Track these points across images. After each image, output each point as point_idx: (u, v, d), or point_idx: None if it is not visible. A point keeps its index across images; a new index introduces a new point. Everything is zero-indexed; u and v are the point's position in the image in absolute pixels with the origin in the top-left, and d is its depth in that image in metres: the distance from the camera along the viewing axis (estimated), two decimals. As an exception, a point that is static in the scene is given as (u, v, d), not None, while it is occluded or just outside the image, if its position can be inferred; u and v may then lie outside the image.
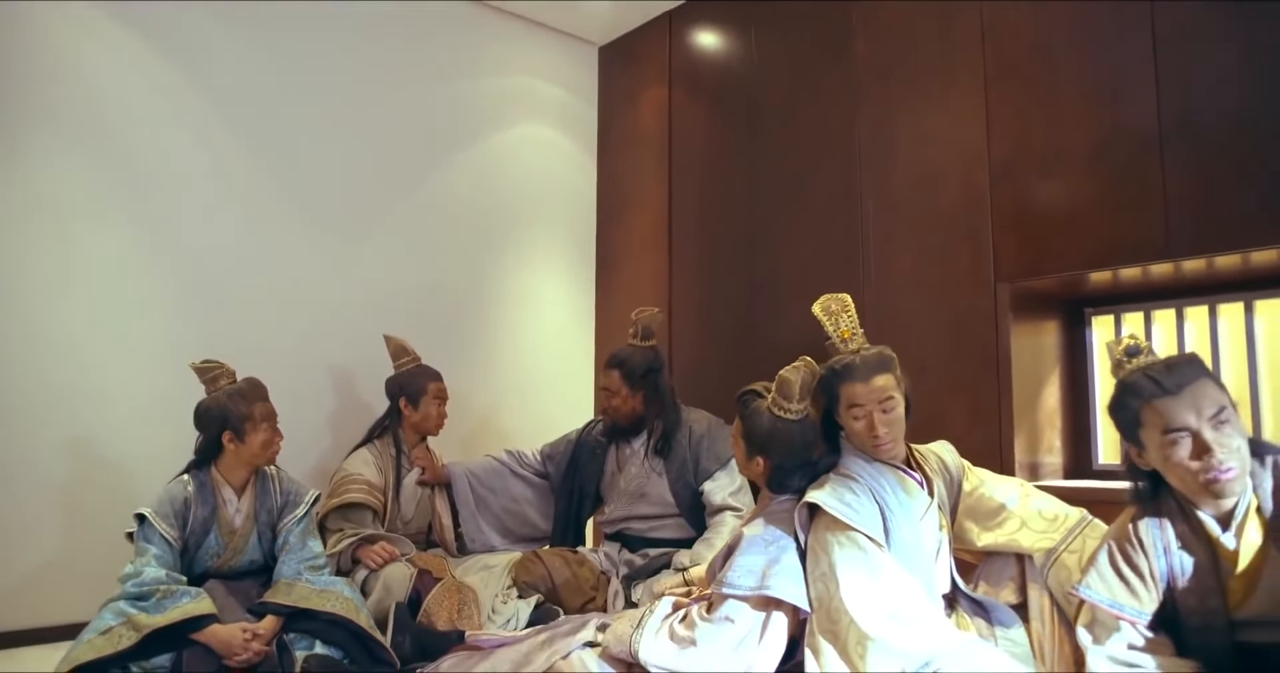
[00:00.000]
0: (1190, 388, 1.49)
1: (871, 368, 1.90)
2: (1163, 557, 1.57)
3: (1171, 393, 1.49)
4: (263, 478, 2.24)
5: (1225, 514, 1.52)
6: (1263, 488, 1.51)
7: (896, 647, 1.65)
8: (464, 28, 3.78)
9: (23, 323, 2.68)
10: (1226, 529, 1.52)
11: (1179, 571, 1.56)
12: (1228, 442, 1.47)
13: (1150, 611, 1.56)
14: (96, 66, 2.86)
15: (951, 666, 1.62)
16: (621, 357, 2.80)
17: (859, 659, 1.67)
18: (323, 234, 3.31)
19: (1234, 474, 1.46)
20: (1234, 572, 1.51)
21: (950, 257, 2.71)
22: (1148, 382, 1.52)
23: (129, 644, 1.82)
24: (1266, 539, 1.49)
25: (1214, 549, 1.54)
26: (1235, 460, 1.46)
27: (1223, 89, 2.18)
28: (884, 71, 2.97)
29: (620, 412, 2.80)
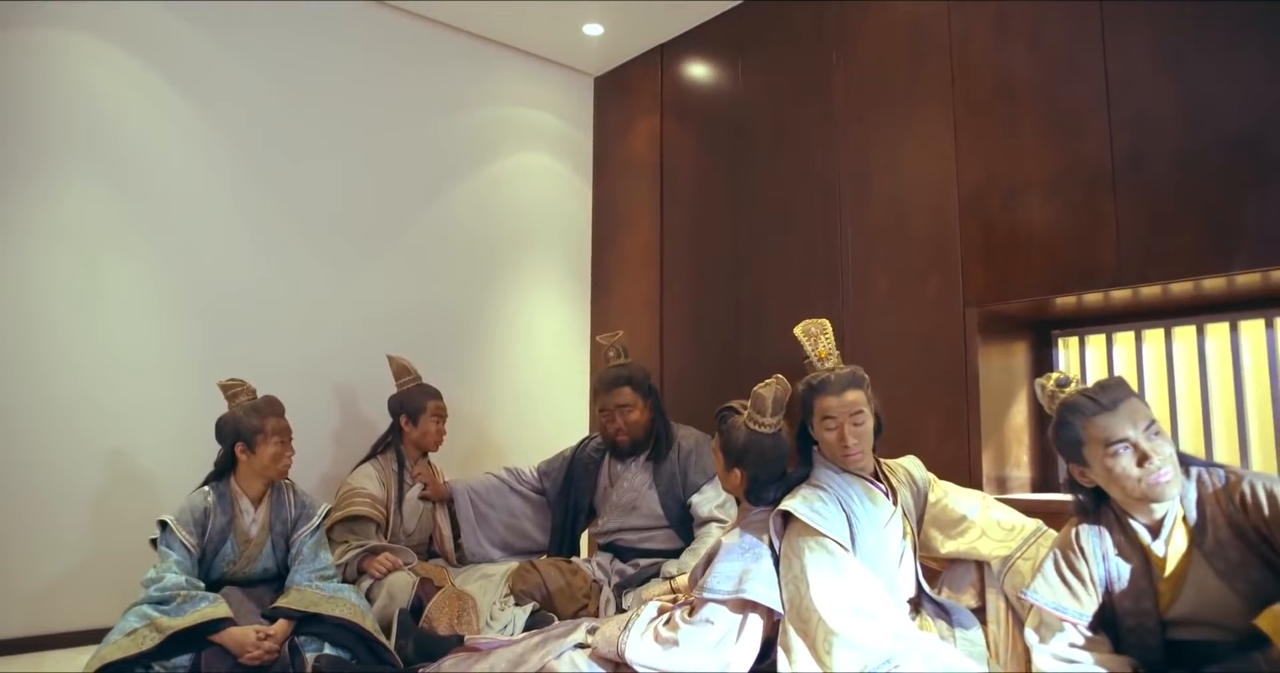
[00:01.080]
0: (1124, 404, 1.65)
1: (845, 384, 2.07)
2: (1101, 563, 1.72)
3: (1109, 409, 1.65)
4: (278, 491, 2.39)
5: (1156, 524, 1.67)
6: (1188, 499, 1.66)
7: (860, 643, 1.80)
8: (466, 61, 3.96)
9: (53, 344, 2.84)
10: (1156, 537, 1.67)
11: (1115, 576, 1.71)
12: (1162, 449, 1.62)
13: (1090, 612, 1.71)
14: (119, 101, 3.03)
15: (911, 662, 1.77)
16: (627, 374, 2.90)
17: (826, 655, 1.82)
18: (331, 259, 3.48)
19: (1169, 477, 1.61)
20: (1163, 576, 1.67)
21: (922, 282, 2.87)
22: (1087, 401, 1.68)
23: (152, 645, 1.97)
24: (1191, 546, 1.65)
25: (1146, 556, 1.69)
26: (1170, 466, 1.62)
27: (1168, 129, 2.34)
28: (861, 108, 3.14)
29: (638, 425, 2.89)
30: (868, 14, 3.16)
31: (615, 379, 2.90)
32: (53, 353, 2.83)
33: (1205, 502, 1.65)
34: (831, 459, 2.09)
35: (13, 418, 2.74)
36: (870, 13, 3.15)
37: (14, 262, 2.79)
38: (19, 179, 2.81)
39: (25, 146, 2.83)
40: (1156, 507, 1.65)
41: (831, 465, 2.10)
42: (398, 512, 2.94)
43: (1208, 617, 1.63)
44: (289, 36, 3.43)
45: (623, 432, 2.91)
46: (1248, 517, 1.59)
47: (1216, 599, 1.62)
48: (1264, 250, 2.15)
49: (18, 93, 2.83)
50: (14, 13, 2.83)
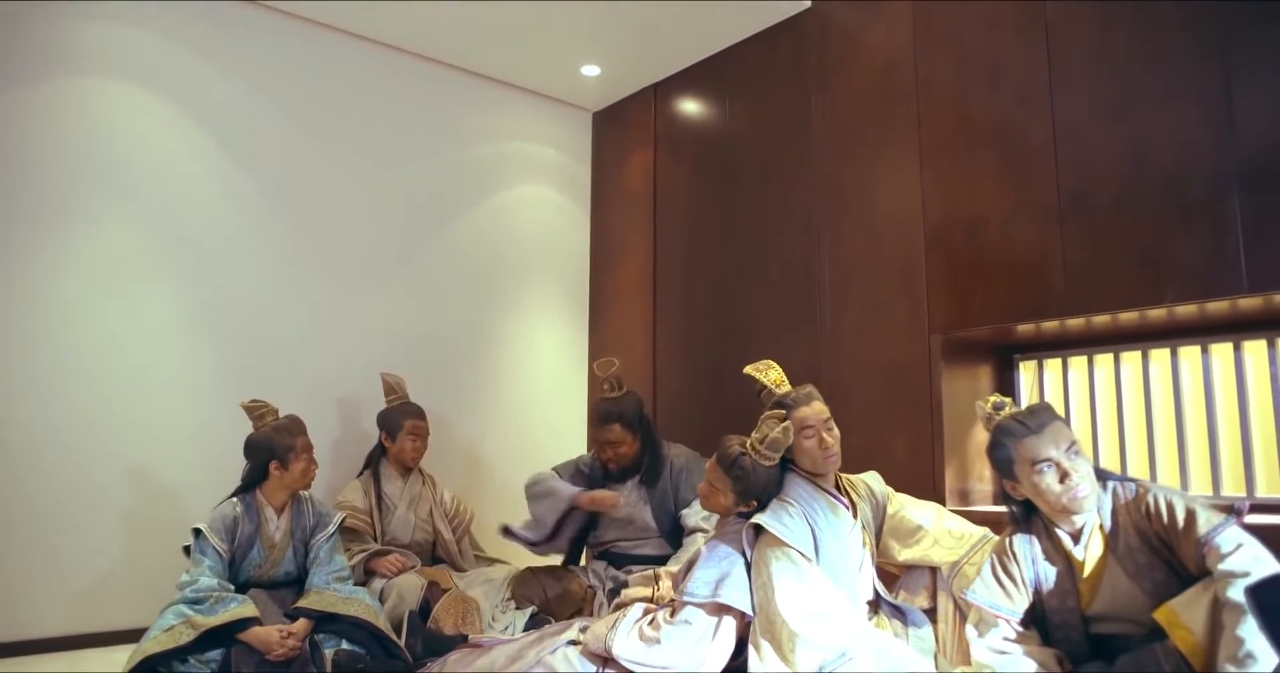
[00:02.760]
0: (1049, 428, 1.88)
1: (810, 397, 2.33)
2: (1031, 567, 1.94)
3: (1036, 432, 1.88)
4: (298, 501, 2.63)
5: (1077, 531, 1.90)
6: (1104, 509, 1.89)
7: (818, 642, 2.02)
8: (472, 99, 4.22)
9: (91, 368, 3.08)
10: (1077, 543, 1.89)
11: (1043, 578, 1.93)
12: (1081, 468, 1.85)
13: (1022, 610, 1.93)
14: (146, 141, 3.27)
15: (864, 657, 1.99)
16: (618, 410, 3.07)
17: (790, 653, 2.04)
18: (342, 285, 3.71)
19: (1086, 492, 1.83)
20: (1083, 578, 1.89)
21: (891, 309, 3.10)
22: (1017, 425, 1.91)
23: (188, 640, 2.20)
24: (1106, 551, 1.87)
25: (1069, 560, 1.91)
26: (1087, 482, 1.84)
27: (1109, 173, 2.57)
28: (837, 146, 3.38)
29: (627, 457, 3.11)
30: (843, 60, 3.41)
31: (606, 415, 3.07)
32: (87, 375, 3.07)
33: (1118, 512, 1.87)
34: (813, 465, 2.31)
35: (52, 435, 2.98)
36: (845, 59, 3.40)
37: (51, 291, 3.03)
38: (57, 215, 3.06)
39: (62, 184, 3.08)
40: (1076, 517, 1.87)
41: (803, 482, 2.32)
42: (381, 521, 3.17)
43: (1121, 613, 1.85)
44: (305, 78, 3.69)
45: (613, 462, 3.13)
46: (1151, 525, 1.82)
47: (1128, 597, 1.84)
48: (1190, 285, 2.37)
49: (56, 136, 3.09)
50: (52, 64, 3.09)
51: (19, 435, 2.92)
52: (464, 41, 3.92)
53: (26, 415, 2.94)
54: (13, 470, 2.90)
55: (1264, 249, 2.25)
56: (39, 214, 3.02)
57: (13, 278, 2.96)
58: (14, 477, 2.90)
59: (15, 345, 2.94)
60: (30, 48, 3.05)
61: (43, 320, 3.00)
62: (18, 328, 2.96)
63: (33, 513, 2.92)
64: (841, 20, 3.44)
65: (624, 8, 3.56)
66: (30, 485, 2.93)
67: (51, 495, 2.97)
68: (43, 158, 3.05)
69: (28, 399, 2.95)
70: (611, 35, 3.82)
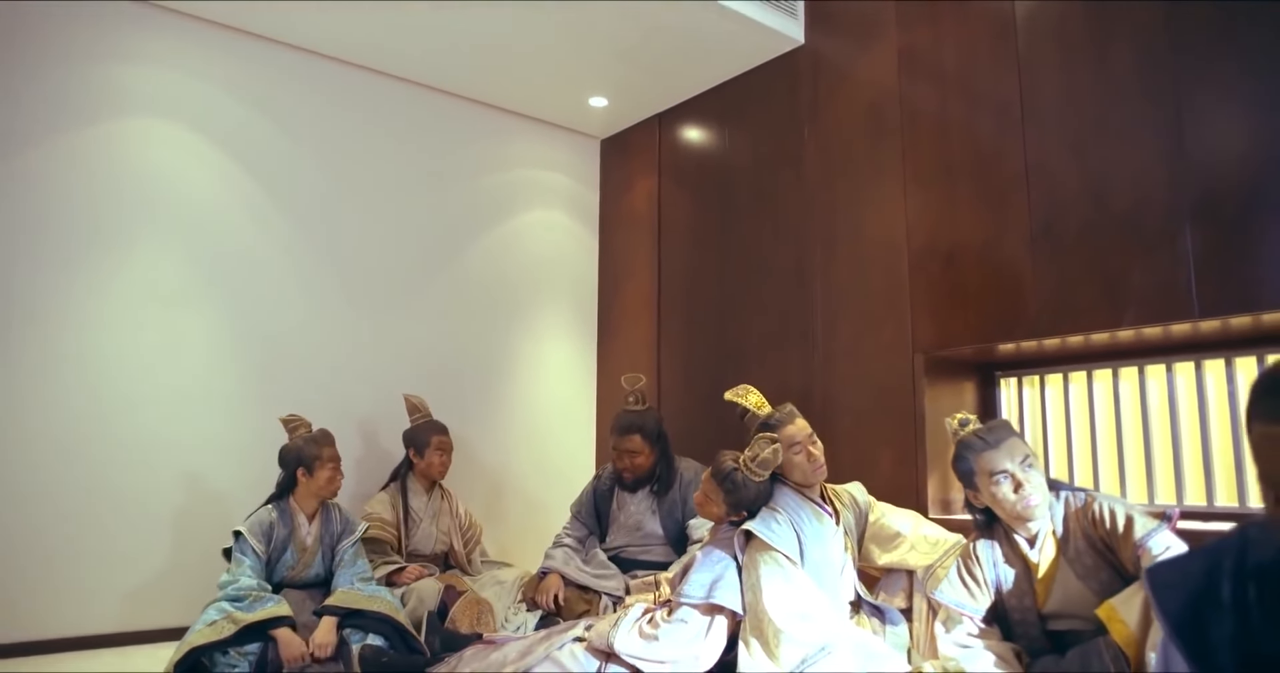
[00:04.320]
0: (1005, 443, 2.08)
1: (791, 416, 2.54)
2: (993, 569, 2.15)
3: (993, 447, 2.08)
4: (327, 509, 2.86)
5: (1032, 537, 2.10)
6: (1056, 516, 2.09)
7: (800, 638, 2.22)
8: (486, 129, 4.46)
9: (137, 385, 3.33)
10: (1033, 547, 2.09)
11: (1003, 579, 2.13)
12: (1033, 479, 2.05)
13: (984, 608, 2.13)
14: (189, 177, 3.53)
15: (842, 651, 2.19)
16: (639, 422, 3.28)
17: (775, 648, 2.25)
18: (366, 307, 3.95)
19: (1038, 501, 2.04)
20: (1038, 578, 2.09)
21: (878, 330, 3.31)
22: (977, 440, 2.12)
23: (229, 634, 2.43)
24: (1058, 554, 2.07)
25: (1026, 563, 2.11)
26: (1039, 492, 2.05)
27: (1073, 205, 2.78)
28: (828, 177, 3.60)
29: (642, 467, 3.30)
30: (833, 94, 3.63)
31: (628, 426, 3.28)
32: (132, 392, 3.32)
33: (1069, 518, 2.08)
34: (803, 478, 2.52)
35: (103, 447, 3.23)
36: (835, 93, 3.62)
37: (105, 315, 3.29)
38: (105, 244, 3.32)
39: (109, 217, 3.34)
40: (1031, 523, 2.08)
41: (791, 492, 2.53)
42: (406, 533, 3.39)
43: (1073, 611, 2.05)
44: (331, 114, 3.95)
45: (629, 471, 3.32)
46: (1096, 530, 2.02)
47: (1078, 596, 2.03)
48: (1147, 309, 2.57)
49: (105, 172, 3.34)
50: (102, 107, 3.35)
51: (74, 447, 3.17)
52: (481, 76, 4.17)
53: (81, 429, 3.19)
54: (68, 480, 3.15)
55: (1212, 277, 2.45)
56: (89, 243, 3.28)
57: (66, 301, 3.21)
58: (69, 485, 3.15)
59: (70, 364, 3.20)
60: (84, 92, 3.31)
61: (92, 341, 3.25)
62: (73, 349, 3.21)
63: (85, 520, 3.17)
64: (832, 57, 3.66)
65: (629, 45, 3.80)
66: (82, 494, 3.18)
67: (101, 503, 3.21)
68: (93, 192, 3.31)
69: (83, 414, 3.20)
70: (618, 70, 4.06)
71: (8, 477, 3.04)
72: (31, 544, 3.05)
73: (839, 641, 2.23)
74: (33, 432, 3.10)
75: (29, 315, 3.14)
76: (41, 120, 3.22)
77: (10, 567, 3.00)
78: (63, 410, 3.17)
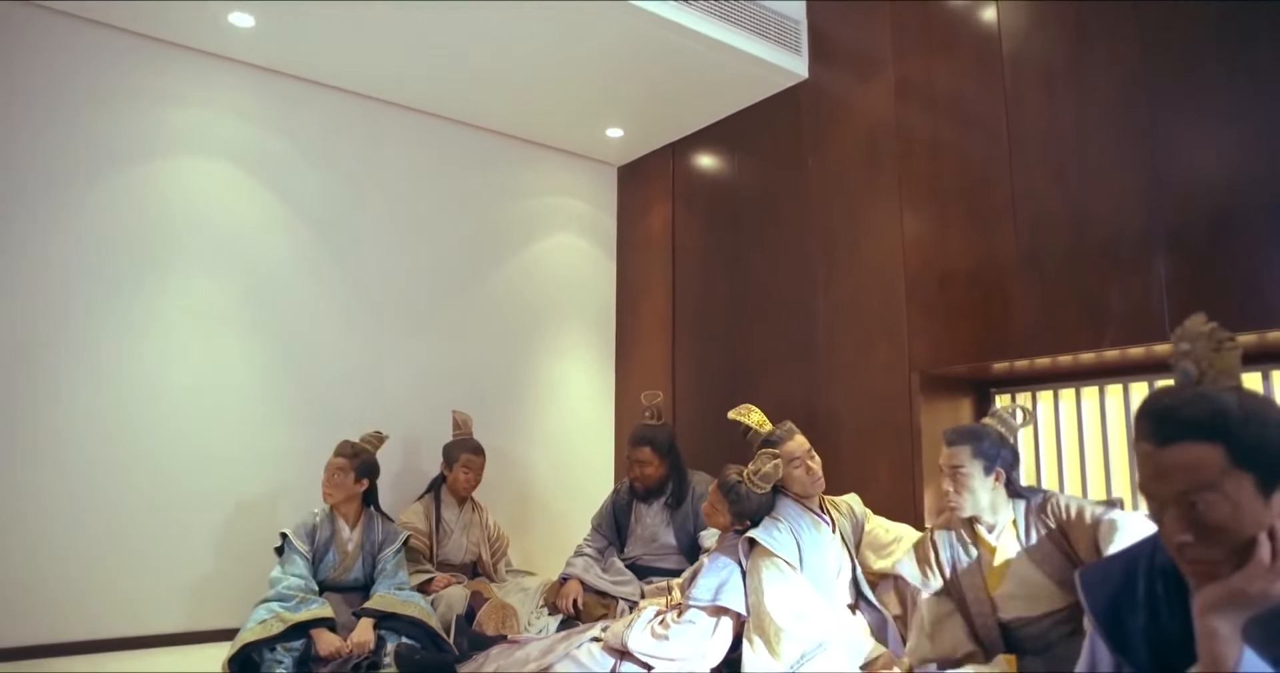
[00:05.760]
0: (948, 449, 2.36)
1: (791, 433, 2.77)
2: (947, 550, 2.42)
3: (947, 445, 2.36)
4: (370, 518, 3.10)
5: (991, 525, 2.35)
6: (1018, 512, 2.36)
7: (799, 636, 2.42)
8: (508, 158, 4.71)
9: (181, 402, 3.58)
10: (991, 533, 2.35)
11: (959, 561, 2.39)
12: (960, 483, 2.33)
13: (934, 587, 2.41)
14: (231, 207, 3.80)
15: (835, 645, 2.39)
16: (650, 435, 3.52)
17: (776, 645, 2.45)
18: (396, 329, 4.19)
19: (955, 501, 2.35)
20: (993, 564, 2.32)
21: (876, 350, 3.50)
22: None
23: (277, 631, 2.68)
24: (1016, 542, 2.32)
25: (982, 547, 2.35)
26: (960, 494, 2.34)
27: (1056, 232, 2.96)
28: (829, 203, 3.81)
29: (652, 478, 3.54)
30: (834, 125, 3.84)
31: (640, 439, 3.52)
32: (183, 407, 3.58)
33: (1030, 513, 2.34)
34: (803, 490, 2.73)
35: (154, 460, 3.48)
36: (836, 124, 3.83)
37: (153, 337, 3.55)
38: (158, 271, 3.59)
39: (158, 246, 3.60)
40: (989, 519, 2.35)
41: (792, 503, 2.74)
42: (438, 543, 3.62)
43: (1023, 593, 2.27)
44: (362, 148, 4.21)
45: (639, 481, 3.57)
46: (1054, 520, 2.29)
47: (1032, 579, 2.26)
48: (1124, 331, 2.75)
49: (158, 206, 3.62)
50: (152, 145, 3.63)
51: (127, 457, 3.43)
52: (505, 110, 4.42)
53: (132, 441, 3.46)
54: (125, 490, 3.41)
55: (1183, 303, 2.63)
56: (138, 269, 3.55)
57: (119, 322, 3.48)
58: (125, 496, 3.41)
59: (125, 383, 3.46)
60: (135, 131, 3.60)
61: (142, 360, 3.52)
62: (128, 368, 3.48)
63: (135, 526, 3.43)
64: (833, 90, 3.88)
65: (645, 80, 4.04)
66: (136, 504, 3.43)
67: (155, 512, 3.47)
68: (143, 223, 3.58)
69: (134, 426, 3.47)
70: (633, 102, 4.30)
71: (68, 485, 3.30)
72: (88, 549, 3.31)
73: (834, 638, 2.43)
74: (89, 443, 3.37)
75: (85, 335, 3.41)
76: (97, 158, 3.50)
77: (70, 570, 3.26)
78: (115, 423, 3.43)
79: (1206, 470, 1.11)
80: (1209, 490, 1.11)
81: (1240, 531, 1.10)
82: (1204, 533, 1.12)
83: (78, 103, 3.48)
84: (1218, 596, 1.09)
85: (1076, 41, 2.98)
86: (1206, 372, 1.21)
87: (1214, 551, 1.12)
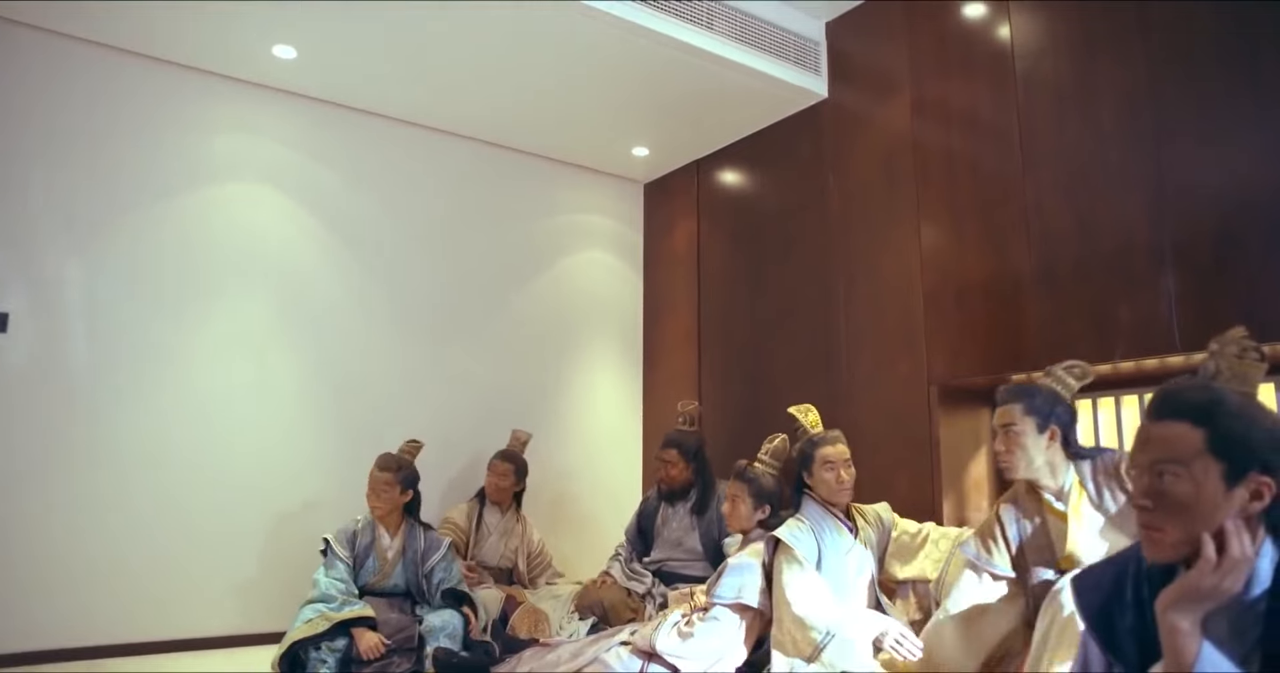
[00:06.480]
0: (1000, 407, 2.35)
1: (835, 439, 2.87)
2: (1014, 526, 2.35)
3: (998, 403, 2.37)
4: (411, 527, 3.26)
5: (1058, 490, 2.30)
6: (1084, 473, 2.29)
7: (812, 622, 2.52)
8: (539, 178, 4.88)
9: (232, 419, 3.78)
10: (1059, 499, 2.29)
11: (1024, 534, 2.33)
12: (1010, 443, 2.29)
13: (1000, 564, 2.32)
14: (276, 233, 4.00)
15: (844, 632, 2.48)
16: (679, 439, 3.72)
17: (794, 630, 2.55)
18: (432, 344, 4.37)
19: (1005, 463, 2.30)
20: (1065, 533, 2.25)
21: (895, 363, 3.60)
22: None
23: (323, 629, 2.85)
24: (1087, 503, 2.26)
25: (1050, 514, 2.29)
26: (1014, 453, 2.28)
27: (1067, 245, 3.04)
28: (850, 221, 3.91)
29: (676, 480, 3.71)
30: (853, 144, 3.95)
31: (670, 441, 3.73)
32: (232, 422, 3.77)
33: (1098, 473, 2.28)
34: (828, 494, 2.83)
35: (204, 474, 3.68)
36: (855, 143, 3.94)
37: (205, 358, 3.75)
38: (208, 295, 3.80)
39: (206, 269, 3.81)
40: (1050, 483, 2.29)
41: (817, 506, 2.84)
42: (476, 541, 3.79)
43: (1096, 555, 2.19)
44: (401, 172, 4.40)
45: (664, 481, 3.75)
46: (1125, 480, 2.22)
47: (1118, 545, 2.17)
48: (1133, 344, 2.82)
49: (206, 233, 3.83)
50: (202, 172, 3.85)
51: (181, 470, 3.63)
52: (536, 132, 4.60)
53: (185, 456, 3.66)
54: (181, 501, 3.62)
55: (1191, 315, 2.70)
56: (189, 292, 3.76)
57: (170, 342, 3.69)
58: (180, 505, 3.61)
59: (173, 399, 3.67)
60: (187, 160, 3.81)
61: (194, 380, 3.72)
62: (181, 387, 3.68)
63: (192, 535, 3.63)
64: (852, 110, 3.99)
65: (670, 101, 4.18)
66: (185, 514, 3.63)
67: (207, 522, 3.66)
68: (193, 248, 3.79)
69: (189, 443, 3.67)
70: (659, 123, 4.44)
71: (126, 496, 3.51)
72: (146, 557, 3.51)
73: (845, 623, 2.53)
74: (144, 455, 3.57)
75: (139, 355, 3.62)
76: (150, 186, 3.72)
77: (128, 576, 3.46)
78: (168, 438, 3.63)
79: (1183, 448, 1.23)
80: (1178, 465, 1.22)
81: (1196, 510, 1.21)
82: (1163, 503, 1.23)
83: (131, 133, 3.71)
84: (1175, 593, 1.19)
85: (1086, 61, 3.07)
86: (1223, 372, 1.32)
87: (1166, 521, 1.23)
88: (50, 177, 3.51)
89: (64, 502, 3.38)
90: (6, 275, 3.39)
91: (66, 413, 3.43)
